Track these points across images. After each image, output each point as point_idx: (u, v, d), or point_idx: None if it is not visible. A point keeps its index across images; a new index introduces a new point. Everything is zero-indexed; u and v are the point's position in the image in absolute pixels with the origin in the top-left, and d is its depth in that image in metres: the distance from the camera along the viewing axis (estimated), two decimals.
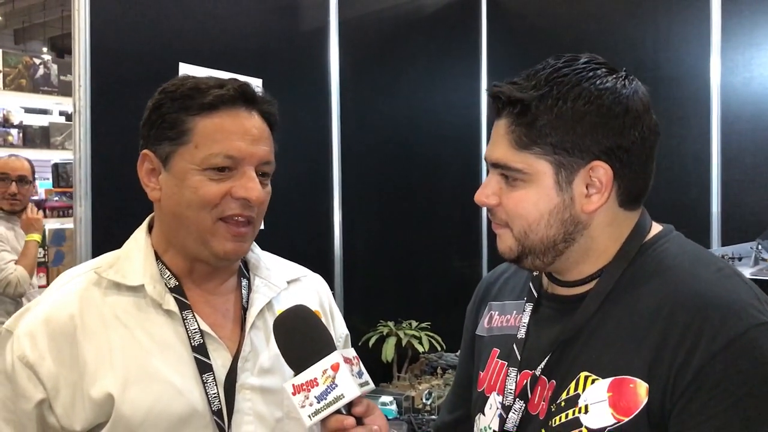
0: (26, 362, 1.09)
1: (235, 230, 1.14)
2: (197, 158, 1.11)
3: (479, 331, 1.26)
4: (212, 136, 1.12)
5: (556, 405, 1.02)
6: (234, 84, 1.15)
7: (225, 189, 1.12)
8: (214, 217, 1.12)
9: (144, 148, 1.17)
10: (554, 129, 1.00)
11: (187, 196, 1.12)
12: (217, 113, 1.13)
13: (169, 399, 1.10)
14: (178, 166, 1.13)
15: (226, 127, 1.13)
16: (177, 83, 1.16)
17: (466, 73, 3.65)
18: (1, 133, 6.51)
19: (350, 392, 0.98)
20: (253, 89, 1.17)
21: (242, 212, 1.13)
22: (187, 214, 1.12)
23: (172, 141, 1.13)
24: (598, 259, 1.06)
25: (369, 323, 3.05)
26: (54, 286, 1.19)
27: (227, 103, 1.13)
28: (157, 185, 1.16)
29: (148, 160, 1.16)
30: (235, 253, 1.16)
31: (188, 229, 1.14)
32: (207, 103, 1.12)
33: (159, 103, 1.16)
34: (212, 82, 1.16)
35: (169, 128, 1.13)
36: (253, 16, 2.70)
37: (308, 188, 2.90)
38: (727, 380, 0.90)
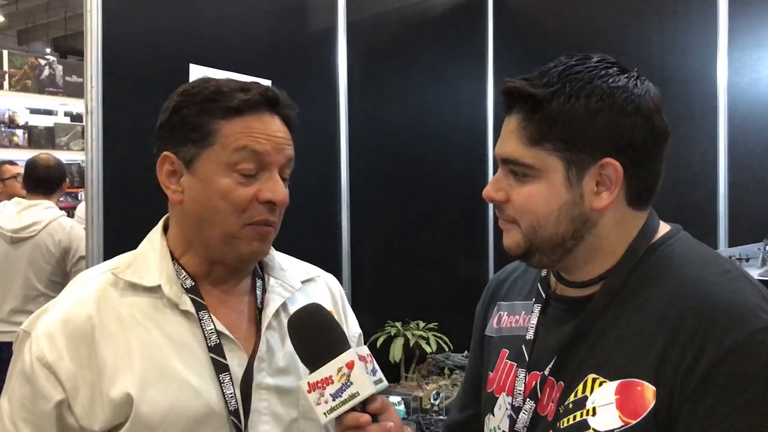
0: (45, 363, 1.09)
1: (262, 230, 1.15)
2: (224, 157, 1.12)
3: (488, 332, 1.26)
4: (239, 138, 1.12)
5: (564, 407, 1.02)
6: (258, 88, 1.16)
7: (252, 192, 1.13)
8: (242, 223, 1.13)
9: (163, 150, 1.16)
10: (566, 126, 1.00)
11: (215, 201, 1.12)
12: (242, 117, 1.14)
13: (187, 399, 1.11)
14: (204, 169, 1.13)
15: (253, 129, 1.13)
16: (198, 86, 1.16)
17: (472, 74, 3.66)
18: (7, 134, 6.53)
19: (365, 390, 0.99)
20: (276, 93, 1.17)
21: (268, 217, 1.15)
22: (215, 218, 1.13)
23: (196, 143, 1.13)
24: (606, 258, 1.06)
25: (376, 324, 3.06)
26: (71, 286, 1.20)
27: (252, 108, 1.14)
28: (179, 187, 1.16)
29: (168, 162, 1.16)
30: (260, 253, 1.18)
31: (213, 232, 1.14)
32: (233, 108, 1.13)
33: (180, 106, 1.15)
34: (234, 85, 1.16)
35: (192, 130, 1.13)
36: (263, 17, 2.71)
37: (316, 189, 2.91)
38: (734, 383, 0.90)
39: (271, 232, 1.17)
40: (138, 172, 2.20)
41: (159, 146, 1.18)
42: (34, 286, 3.45)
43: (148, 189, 1.22)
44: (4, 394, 1.15)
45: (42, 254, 3.45)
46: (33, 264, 3.44)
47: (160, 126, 1.18)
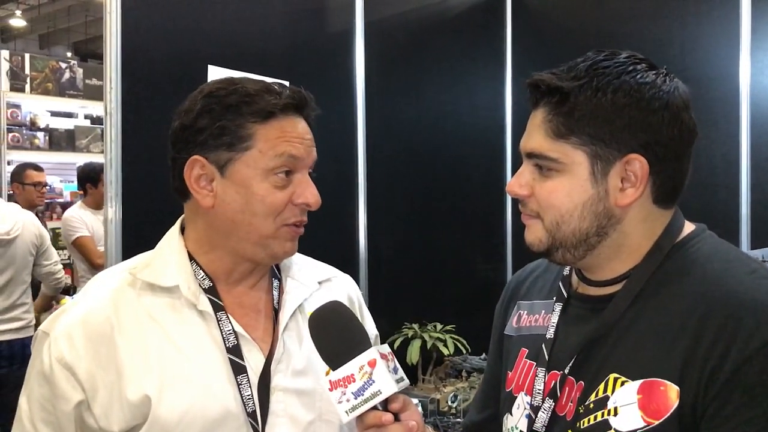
0: (64, 363, 1.10)
1: (295, 230, 1.18)
2: (262, 163, 1.13)
3: (507, 331, 1.25)
4: (276, 142, 1.13)
5: (584, 406, 1.01)
6: (288, 91, 1.16)
7: (288, 196, 1.15)
8: (278, 225, 1.15)
9: (190, 153, 1.15)
10: (593, 120, 1.00)
11: (253, 205, 1.13)
12: (275, 119, 1.14)
13: (205, 401, 1.11)
14: (241, 173, 1.13)
15: (287, 132, 1.15)
16: (224, 88, 1.15)
17: (490, 75, 3.64)
18: (28, 137, 6.60)
19: (387, 388, 0.99)
20: (305, 95, 1.18)
21: (302, 218, 1.18)
22: (251, 221, 1.14)
23: (231, 147, 1.13)
24: (629, 256, 1.05)
25: (393, 325, 3.04)
26: (90, 287, 1.21)
27: (284, 110, 1.15)
28: (211, 191, 1.15)
29: (198, 166, 1.15)
30: (292, 251, 1.21)
31: (248, 234, 1.15)
32: (266, 111, 1.13)
33: (207, 109, 1.14)
34: (259, 86, 1.16)
35: (225, 135, 1.13)
36: (280, 19, 2.72)
37: (333, 190, 2.91)
38: (761, 384, 0.89)
39: (301, 232, 1.20)
40: (156, 173, 2.22)
41: (181, 149, 1.16)
42: (23, 280, 3.91)
43: (166, 190, 1.22)
44: (22, 395, 1.15)
45: (28, 249, 3.91)
46: (23, 259, 3.88)
47: (182, 128, 1.16)
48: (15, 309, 3.84)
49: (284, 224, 1.15)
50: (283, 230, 1.16)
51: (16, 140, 6.45)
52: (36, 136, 6.67)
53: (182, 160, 1.15)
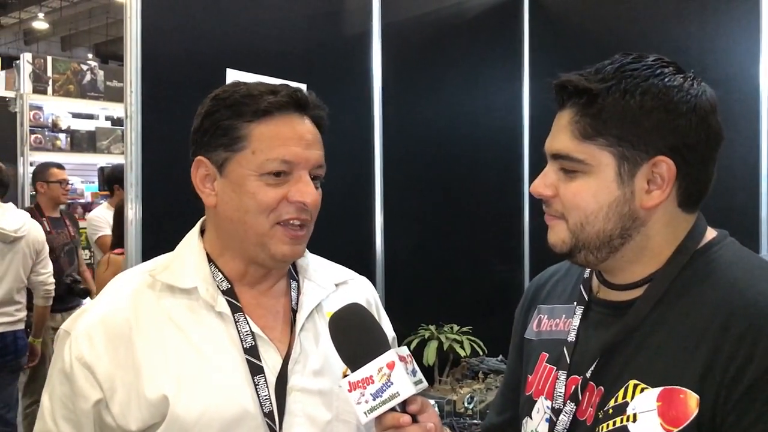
0: (84, 362, 1.12)
1: (292, 233, 1.16)
2: (254, 164, 1.13)
3: (528, 335, 1.25)
4: (269, 142, 1.14)
5: (603, 412, 1.01)
6: (286, 90, 1.17)
7: (282, 194, 1.14)
8: (271, 222, 1.15)
9: (197, 155, 1.19)
10: (620, 121, 1.00)
11: (245, 202, 1.14)
12: (272, 119, 1.15)
13: (222, 400, 1.12)
14: (236, 173, 1.15)
15: (282, 132, 1.15)
16: (229, 90, 1.18)
17: (508, 77, 3.63)
18: (50, 138, 6.68)
19: (406, 390, 0.99)
20: (305, 95, 1.18)
21: (298, 216, 1.16)
22: (245, 219, 1.15)
23: (228, 147, 1.15)
24: (651, 260, 1.05)
25: (410, 327, 3.05)
26: (110, 288, 1.23)
27: (281, 109, 1.15)
28: (213, 191, 1.18)
29: (202, 166, 1.18)
30: (292, 255, 1.19)
31: (246, 233, 1.16)
32: (261, 110, 1.14)
33: (212, 110, 1.17)
34: (264, 88, 1.17)
35: (223, 135, 1.15)
36: (298, 22, 2.74)
37: (350, 192, 2.92)
38: None
39: (303, 235, 1.18)
40: (176, 174, 2.24)
41: (193, 151, 1.20)
42: (21, 279, 4.11)
43: (186, 191, 1.24)
44: (45, 392, 1.18)
45: (30, 252, 4.11)
46: (24, 259, 4.08)
47: (193, 131, 1.20)
48: (10, 305, 4.05)
49: (278, 222, 1.15)
50: (277, 229, 1.15)
51: (38, 142, 6.53)
52: (58, 138, 6.74)
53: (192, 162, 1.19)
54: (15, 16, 16.50)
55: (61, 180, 4.88)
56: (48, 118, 6.76)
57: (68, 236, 4.81)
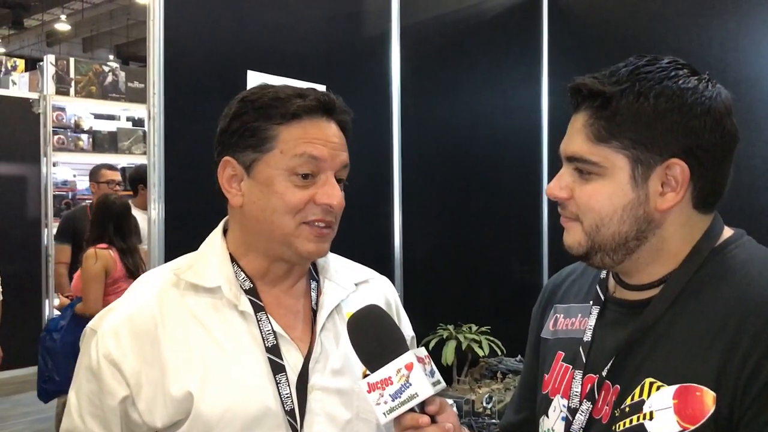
0: (111, 360, 1.13)
1: (318, 231, 1.18)
2: (282, 163, 1.15)
3: (544, 334, 1.26)
4: (297, 143, 1.16)
5: (620, 410, 1.02)
6: (315, 94, 1.19)
7: (309, 195, 1.16)
8: (297, 222, 1.17)
9: (224, 155, 1.20)
10: (634, 124, 1.00)
11: (273, 202, 1.16)
12: (300, 122, 1.17)
13: (245, 398, 1.14)
14: (264, 173, 1.17)
15: (309, 133, 1.17)
16: (257, 93, 1.20)
17: (527, 77, 3.63)
18: (73, 138, 6.76)
19: (424, 391, 1.01)
20: (332, 99, 1.20)
21: (324, 217, 1.18)
22: (272, 219, 1.16)
23: (256, 148, 1.17)
24: (668, 260, 1.05)
25: (428, 326, 3.06)
26: (135, 286, 1.25)
27: (309, 113, 1.17)
28: (240, 191, 1.19)
29: (229, 167, 1.20)
30: (318, 252, 1.21)
31: (272, 233, 1.18)
32: (290, 113, 1.16)
33: (240, 112, 1.19)
34: (291, 91, 1.19)
35: (251, 136, 1.17)
36: (318, 24, 2.75)
37: (369, 192, 2.93)
38: None
39: (328, 233, 1.20)
40: (198, 174, 2.26)
41: (220, 152, 1.21)
42: None
43: (207, 191, 1.26)
44: (72, 389, 1.20)
45: None
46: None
47: (220, 132, 1.21)
48: None
49: (304, 222, 1.17)
50: (303, 228, 1.17)
51: (61, 142, 6.62)
52: (80, 138, 6.83)
53: (218, 162, 1.21)
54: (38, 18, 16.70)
55: (109, 180, 4.99)
56: (70, 118, 6.84)
57: None
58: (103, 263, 3.84)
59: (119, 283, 3.89)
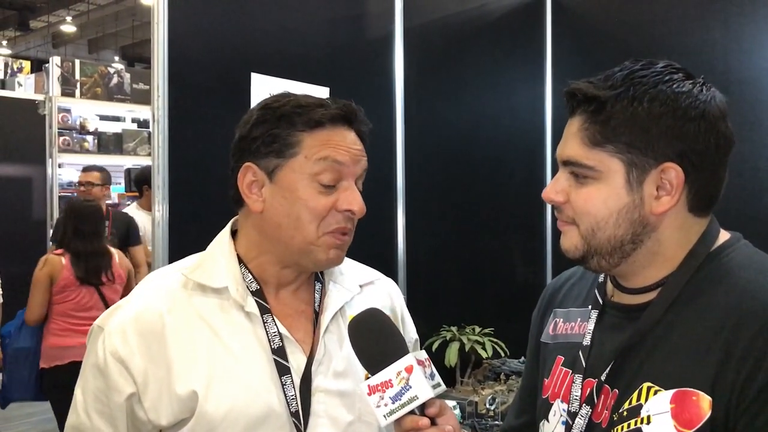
0: (118, 357, 1.15)
1: (339, 239, 1.20)
2: (307, 168, 1.17)
3: (544, 338, 1.26)
4: (321, 148, 1.17)
5: (618, 414, 1.02)
6: (337, 103, 1.21)
7: (332, 202, 1.18)
8: (321, 231, 1.18)
9: (244, 161, 1.20)
10: (629, 128, 1.00)
11: (296, 208, 1.17)
12: (324, 130, 1.18)
13: (249, 399, 1.15)
14: (287, 178, 1.18)
15: (333, 139, 1.18)
16: (280, 101, 1.21)
17: (530, 79, 3.63)
18: (78, 140, 6.79)
19: (424, 394, 1.01)
20: (354, 109, 1.22)
21: (345, 225, 1.20)
22: (296, 225, 1.18)
23: (279, 154, 1.18)
24: (664, 264, 1.05)
25: (432, 328, 3.06)
26: (143, 285, 1.26)
27: (332, 121, 1.19)
28: (261, 197, 1.20)
29: (250, 172, 1.20)
30: (336, 261, 1.23)
31: (293, 239, 1.19)
32: (315, 120, 1.17)
33: (261, 120, 1.20)
34: (313, 100, 1.21)
35: (274, 142, 1.18)
36: (321, 26, 2.76)
37: (372, 193, 2.90)
38: None
39: (346, 241, 1.22)
40: (202, 176, 2.28)
41: (239, 157, 1.22)
42: None
43: (211, 193, 1.27)
44: (77, 386, 1.21)
45: None
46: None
47: (240, 139, 1.22)
48: None
49: (326, 232, 1.18)
50: (326, 238, 1.19)
51: (66, 143, 6.64)
52: (85, 140, 6.85)
53: (238, 169, 1.21)
54: (44, 19, 16.77)
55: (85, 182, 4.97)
56: (76, 120, 6.87)
57: None
58: (48, 270, 3.76)
59: (67, 292, 3.80)
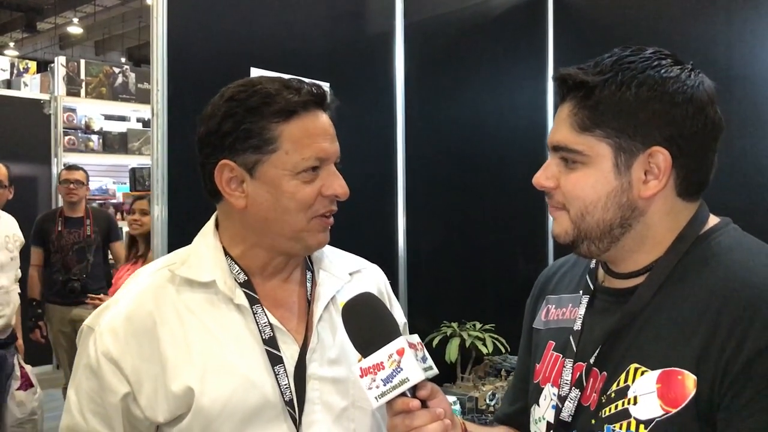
0: (110, 357, 1.15)
1: (325, 221, 1.21)
2: (290, 164, 1.16)
3: (536, 324, 1.28)
4: (301, 141, 1.16)
5: (606, 396, 1.03)
6: (305, 87, 1.19)
7: (317, 189, 1.18)
8: (309, 217, 1.18)
9: (219, 158, 1.18)
10: (617, 113, 1.02)
11: (283, 202, 1.17)
12: (299, 118, 1.17)
13: (244, 391, 1.15)
14: (270, 174, 1.16)
15: (311, 130, 1.17)
16: (245, 91, 1.18)
17: (532, 76, 3.62)
18: (83, 139, 6.82)
19: (415, 376, 1.02)
20: (323, 90, 1.21)
21: (331, 208, 1.21)
22: (285, 218, 1.18)
23: (258, 150, 1.16)
24: (653, 248, 1.06)
25: (432, 324, 3.06)
26: (130, 283, 1.25)
27: (305, 107, 1.18)
28: (243, 193, 1.18)
29: (228, 170, 1.18)
30: (325, 242, 1.24)
31: (282, 230, 1.19)
32: (288, 110, 1.16)
33: (230, 113, 1.16)
34: (279, 84, 1.18)
35: (250, 137, 1.16)
36: (321, 22, 2.77)
37: (373, 190, 2.94)
38: None
39: (331, 222, 1.23)
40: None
41: (209, 154, 1.19)
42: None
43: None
44: (70, 387, 1.21)
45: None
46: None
47: (208, 133, 1.19)
48: None
49: (315, 216, 1.19)
50: (314, 222, 1.19)
51: (71, 143, 6.68)
52: (90, 139, 6.89)
53: (211, 165, 1.18)
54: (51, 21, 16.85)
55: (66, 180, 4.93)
56: (81, 119, 6.90)
57: (81, 236, 4.90)
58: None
59: None
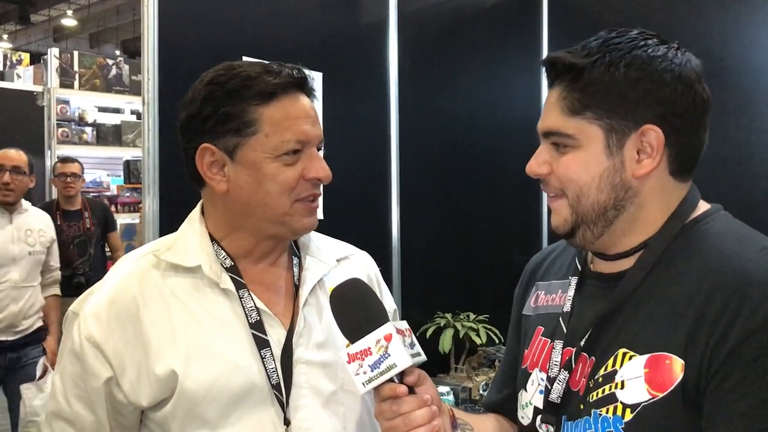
0: (93, 342, 1.15)
1: (310, 206, 1.20)
2: (270, 146, 1.15)
3: (525, 311, 1.28)
4: (281, 123, 1.15)
5: (594, 381, 1.03)
6: (286, 70, 1.18)
7: (299, 172, 1.17)
8: (291, 200, 1.18)
9: (201, 142, 1.17)
10: (607, 94, 1.02)
11: (265, 185, 1.16)
12: (279, 101, 1.16)
13: (230, 374, 1.15)
14: (250, 157, 1.16)
15: (291, 112, 1.17)
16: (225, 74, 1.17)
17: (526, 67, 3.61)
18: (77, 131, 6.78)
19: (402, 362, 1.02)
20: (303, 72, 1.20)
21: (314, 192, 1.20)
22: (267, 201, 1.17)
23: (238, 133, 1.15)
24: (644, 229, 1.06)
25: (426, 314, 3.06)
26: (115, 269, 1.25)
27: (285, 90, 1.17)
28: (224, 177, 1.18)
29: (209, 154, 1.17)
30: (311, 226, 1.23)
31: (265, 214, 1.18)
32: (267, 92, 1.15)
33: (210, 96, 1.16)
34: (260, 68, 1.18)
35: (230, 120, 1.15)
36: (314, 11, 2.75)
37: (367, 181, 2.93)
38: (763, 358, 0.90)
39: (317, 206, 1.22)
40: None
41: (191, 138, 1.19)
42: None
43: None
44: (56, 372, 1.21)
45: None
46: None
47: (189, 118, 1.19)
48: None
49: (297, 200, 1.18)
50: (297, 206, 1.18)
51: (65, 135, 6.64)
52: (84, 131, 6.85)
53: (193, 150, 1.18)
54: (44, 13, 16.77)
55: (60, 173, 4.85)
56: (74, 111, 6.86)
57: (81, 229, 4.88)
58: None
59: None
